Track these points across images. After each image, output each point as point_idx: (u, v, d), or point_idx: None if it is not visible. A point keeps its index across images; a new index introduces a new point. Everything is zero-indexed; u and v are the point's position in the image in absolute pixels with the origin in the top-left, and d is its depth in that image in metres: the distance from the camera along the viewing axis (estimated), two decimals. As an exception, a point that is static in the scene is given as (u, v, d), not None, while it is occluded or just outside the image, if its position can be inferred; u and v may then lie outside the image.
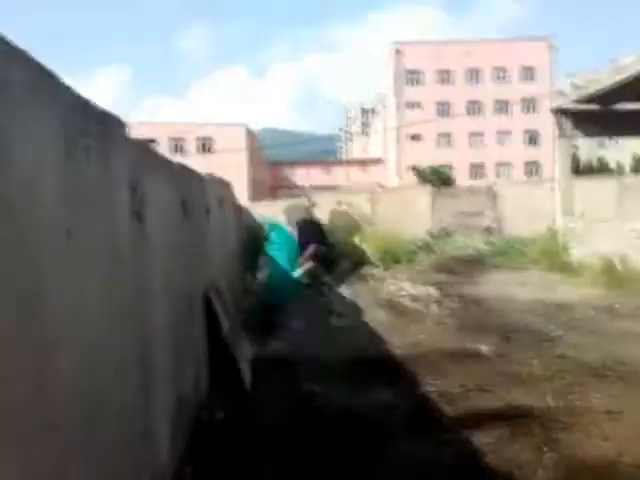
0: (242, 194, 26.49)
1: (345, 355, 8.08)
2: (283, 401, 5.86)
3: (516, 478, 4.30)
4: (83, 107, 2.61)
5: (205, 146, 45.18)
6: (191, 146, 45.04)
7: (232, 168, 33.82)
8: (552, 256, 18.15)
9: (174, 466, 4.25)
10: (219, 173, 10.40)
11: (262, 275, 5.54)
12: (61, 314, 2.20)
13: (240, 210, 17.19)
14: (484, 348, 8.47)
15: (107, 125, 2.97)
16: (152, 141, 35.82)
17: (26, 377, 1.90)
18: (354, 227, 23.31)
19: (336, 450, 4.83)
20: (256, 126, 65.01)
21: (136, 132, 4.35)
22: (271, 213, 23.54)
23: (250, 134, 46.24)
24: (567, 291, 13.78)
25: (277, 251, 5.44)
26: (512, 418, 5.54)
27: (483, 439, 5.06)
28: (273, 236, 5.33)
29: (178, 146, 45.01)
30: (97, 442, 2.55)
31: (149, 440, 3.61)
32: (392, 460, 4.75)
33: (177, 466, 4.34)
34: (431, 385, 6.76)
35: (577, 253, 17.26)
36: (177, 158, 5.64)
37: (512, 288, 14.48)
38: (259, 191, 44.11)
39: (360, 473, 4.55)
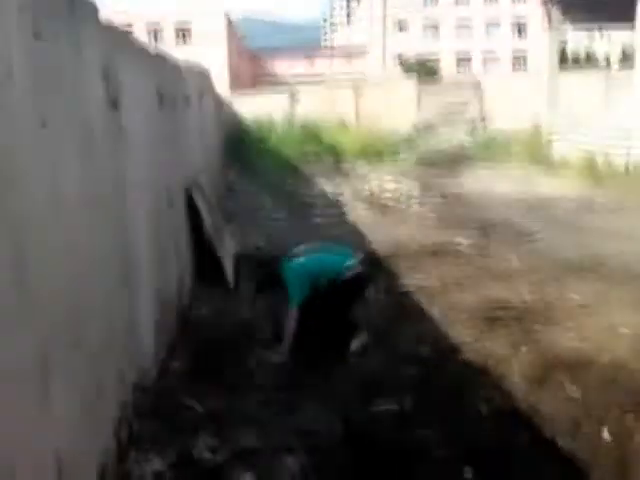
0: (222, 86, 25.74)
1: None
2: (265, 298, 5.90)
3: (493, 373, 4.42)
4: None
5: (184, 35, 43.52)
6: (169, 35, 43.32)
7: (211, 59, 32.73)
8: (535, 151, 18.06)
9: (159, 359, 4.32)
10: (199, 64, 10.06)
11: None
12: (38, 204, 2.14)
13: (220, 103, 16.79)
14: (464, 244, 8.55)
15: (77, 9, 2.79)
16: (128, 30, 34.41)
17: (5, 263, 1.87)
18: (338, 122, 22.90)
19: (318, 341, 4.91)
20: (235, 15, 62.17)
21: (111, 19, 4.12)
22: (252, 106, 23.06)
23: (230, 23, 44.43)
24: (549, 186, 13.80)
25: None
26: (490, 313, 5.65)
27: (461, 334, 5.17)
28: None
29: (156, 35, 43.28)
30: (80, 330, 2.55)
31: (133, 338, 3.64)
32: (372, 353, 4.86)
33: (162, 359, 4.41)
34: (412, 281, 6.84)
35: (560, 148, 17.17)
36: (155, 47, 5.41)
37: (494, 183, 14.47)
38: (240, 83, 42.92)
39: (342, 365, 4.66)
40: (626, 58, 44.72)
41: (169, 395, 3.96)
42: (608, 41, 52.48)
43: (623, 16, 17.41)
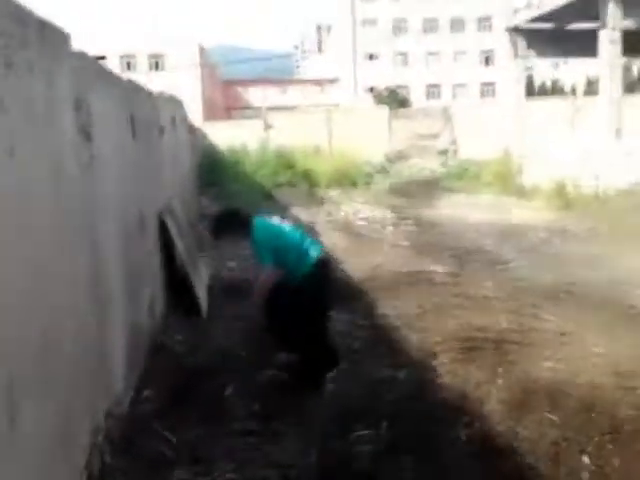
0: (196, 114, 25.78)
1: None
2: (240, 324, 5.83)
3: (471, 398, 4.39)
4: (23, 17, 2.40)
5: (158, 64, 43.60)
6: (142, 64, 43.39)
7: (185, 87, 32.81)
8: (506, 179, 18.30)
9: (131, 387, 4.22)
10: (172, 92, 10.05)
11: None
12: (5, 234, 2.07)
13: (194, 131, 16.79)
14: (440, 271, 8.56)
15: (49, 37, 2.76)
16: (101, 58, 34.36)
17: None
18: (311, 149, 23.00)
19: (294, 369, 4.85)
20: (208, 43, 62.42)
21: (83, 49, 4.10)
22: (226, 135, 23.09)
23: (203, 52, 44.68)
24: (520, 214, 13.97)
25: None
26: (467, 339, 5.63)
27: (439, 360, 5.14)
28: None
29: (130, 64, 43.29)
30: (48, 369, 2.47)
31: (104, 366, 3.54)
32: (350, 380, 4.79)
33: (135, 387, 4.30)
34: (388, 307, 6.81)
35: (531, 176, 17.42)
36: (128, 76, 5.38)
37: (467, 211, 14.60)
38: (213, 111, 43.09)
39: (319, 395, 4.59)
40: (590, 88, 45.95)
41: (142, 426, 3.85)
42: (572, 69, 53.91)
43: (586, 49, 17.95)
